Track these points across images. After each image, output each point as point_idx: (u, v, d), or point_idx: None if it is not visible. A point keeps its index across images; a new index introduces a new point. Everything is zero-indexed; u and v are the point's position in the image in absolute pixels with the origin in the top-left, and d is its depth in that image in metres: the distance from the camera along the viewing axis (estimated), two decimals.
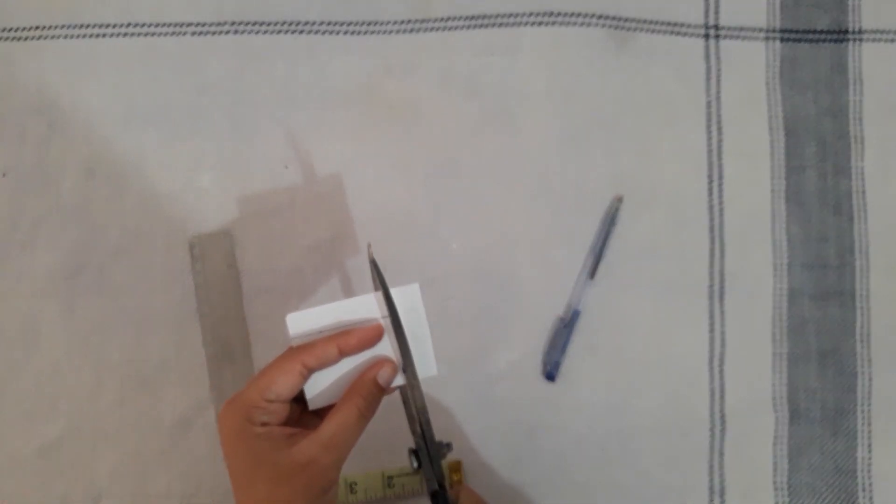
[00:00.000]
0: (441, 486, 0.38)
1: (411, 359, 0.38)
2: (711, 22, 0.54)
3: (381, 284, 0.38)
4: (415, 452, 0.39)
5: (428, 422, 0.38)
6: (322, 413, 0.39)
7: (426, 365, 0.39)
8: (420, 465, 0.38)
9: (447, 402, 0.50)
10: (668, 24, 0.53)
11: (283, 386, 0.36)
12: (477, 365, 0.51)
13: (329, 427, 0.36)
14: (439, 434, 0.50)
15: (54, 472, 0.49)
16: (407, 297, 0.38)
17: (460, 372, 0.50)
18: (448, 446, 0.39)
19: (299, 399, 0.38)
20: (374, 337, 0.38)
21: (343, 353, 0.37)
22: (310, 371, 0.37)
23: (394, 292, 0.38)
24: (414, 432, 0.40)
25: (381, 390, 0.37)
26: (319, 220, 0.51)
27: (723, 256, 0.52)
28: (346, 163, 0.52)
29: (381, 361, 0.38)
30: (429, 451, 0.38)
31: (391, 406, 0.50)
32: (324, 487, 0.35)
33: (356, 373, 0.38)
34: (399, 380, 0.39)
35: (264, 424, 0.36)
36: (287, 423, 0.37)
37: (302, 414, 0.39)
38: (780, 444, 0.51)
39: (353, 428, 0.36)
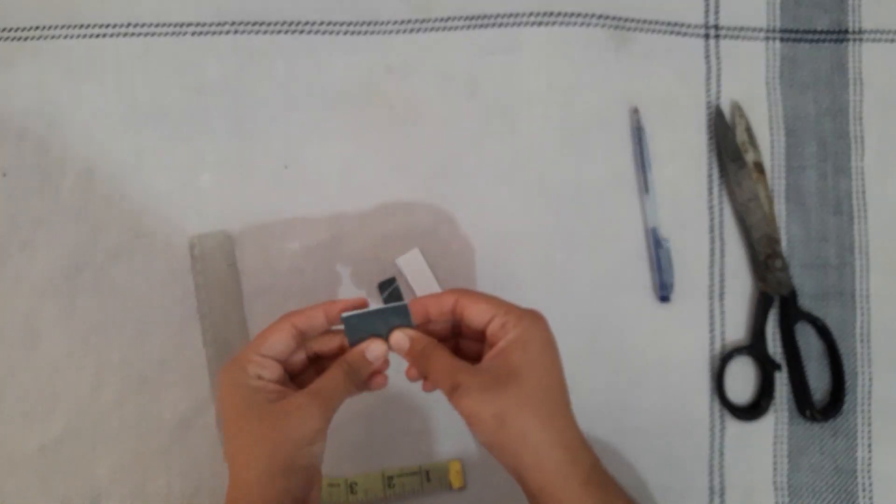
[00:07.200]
0: None
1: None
2: (711, 22, 0.54)
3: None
4: None
5: None
6: None
7: None
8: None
9: (447, 401, 0.50)
10: (668, 24, 0.53)
11: (275, 341, 0.39)
12: None
13: (317, 381, 0.39)
14: (440, 436, 0.50)
15: (54, 472, 0.49)
16: (413, 261, 0.50)
17: None
18: None
19: (294, 377, 0.41)
20: (356, 306, 0.41)
21: (329, 320, 0.41)
22: (299, 331, 0.40)
23: (401, 260, 0.50)
24: None
25: (368, 363, 0.40)
26: (319, 220, 0.51)
27: (723, 256, 0.52)
28: (346, 163, 0.52)
29: (374, 340, 0.41)
30: None
31: (391, 407, 0.50)
32: (307, 435, 0.37)
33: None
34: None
35: (259, 378, 0.39)
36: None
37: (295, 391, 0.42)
38: (780, 444, 0.51)
39: (338, 383, 0.39)
